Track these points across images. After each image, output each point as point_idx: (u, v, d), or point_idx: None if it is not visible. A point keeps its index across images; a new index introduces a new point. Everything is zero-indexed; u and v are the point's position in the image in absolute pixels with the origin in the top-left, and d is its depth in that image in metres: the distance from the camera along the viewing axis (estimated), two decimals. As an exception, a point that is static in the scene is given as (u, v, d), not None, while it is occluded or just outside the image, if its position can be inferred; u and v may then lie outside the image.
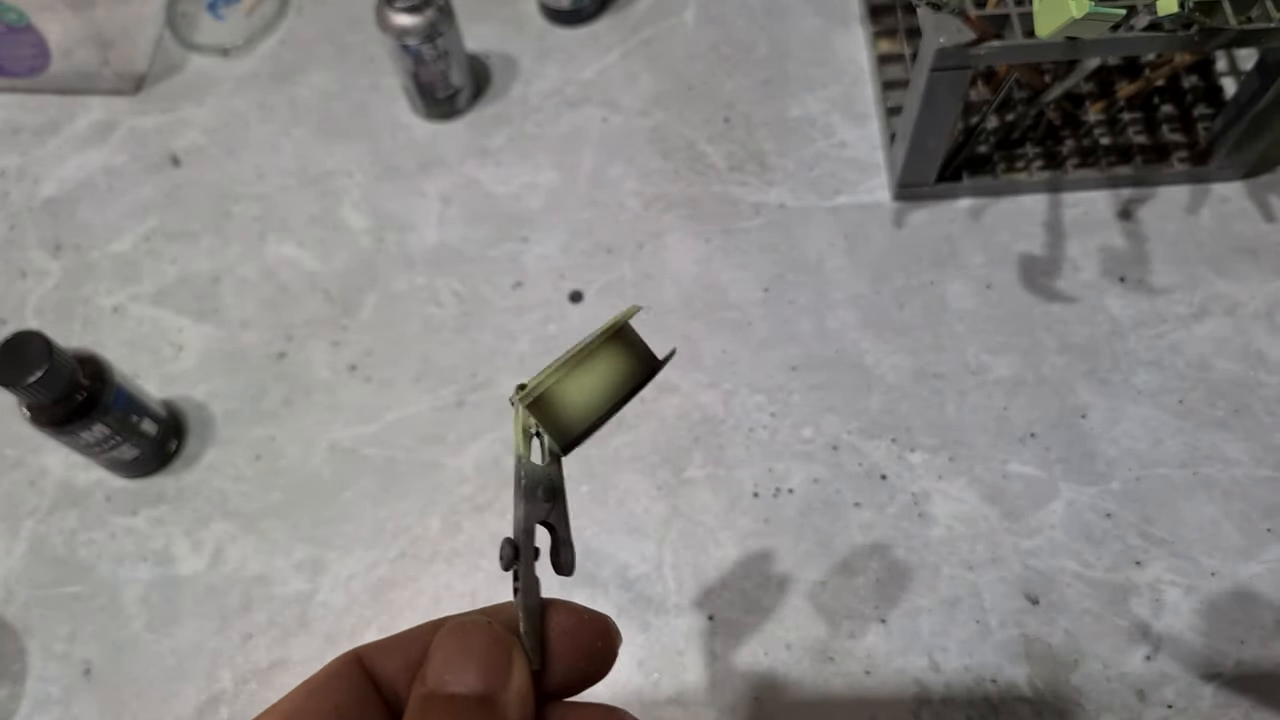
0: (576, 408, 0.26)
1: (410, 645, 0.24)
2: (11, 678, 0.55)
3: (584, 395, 0.26)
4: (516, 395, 0.25)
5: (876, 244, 0.65)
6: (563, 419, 0.26)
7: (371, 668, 0.24)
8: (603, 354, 0.27)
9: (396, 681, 0.24)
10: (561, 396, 0.26)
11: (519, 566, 0.24)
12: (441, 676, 0.22)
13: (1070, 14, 0.44)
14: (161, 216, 0.70)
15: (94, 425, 0.54)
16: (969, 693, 0.52)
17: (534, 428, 0.26)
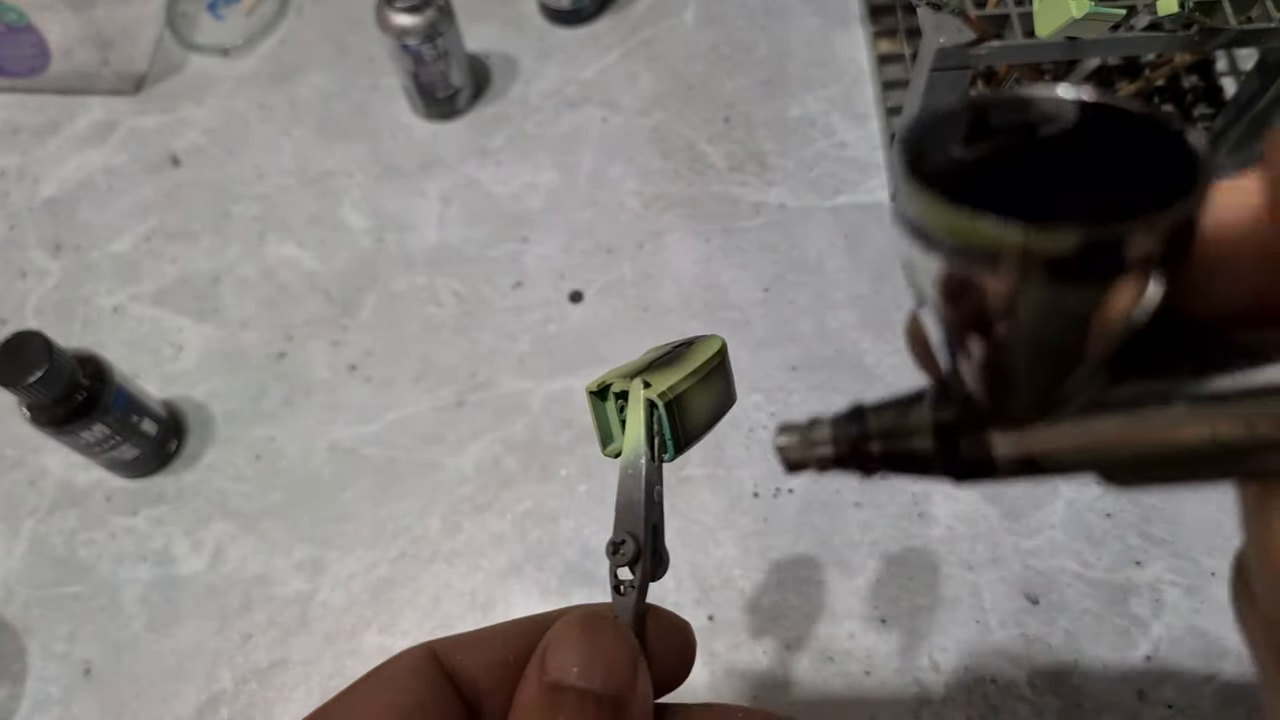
0: (699, 413, 0.26)
1: (493, 643, 0.23)
2: (11, 678, 0.55)
3: (704, 404, 0.26)
4: (647, 391, 0.24)
5: (877, 244, 0.65)
6: (687, 423, 0.25)
7: (449, 664, 0.23)
8: (719, 371, 0.26)
9: (478, 679, 0.23)
10: (690, 401, 0.25)
11: (637, 566, 0.23)
12: (569, 669, 0.21)
13: (1070, 14, 0.44)
14: (161, 216, 0.70)
15: (94, 425, 0.54)
16: (969, 693, 0.52)
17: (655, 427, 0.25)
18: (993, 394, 0.14)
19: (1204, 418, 0.13)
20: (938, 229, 0.12)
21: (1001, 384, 0.14)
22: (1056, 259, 0.12)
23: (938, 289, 0.13)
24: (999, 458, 0.15)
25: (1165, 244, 0.12)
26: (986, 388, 0.14)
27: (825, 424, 0.16)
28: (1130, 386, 0.14)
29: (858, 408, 0.16)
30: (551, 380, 0.62)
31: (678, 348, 0.27)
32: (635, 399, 0.24)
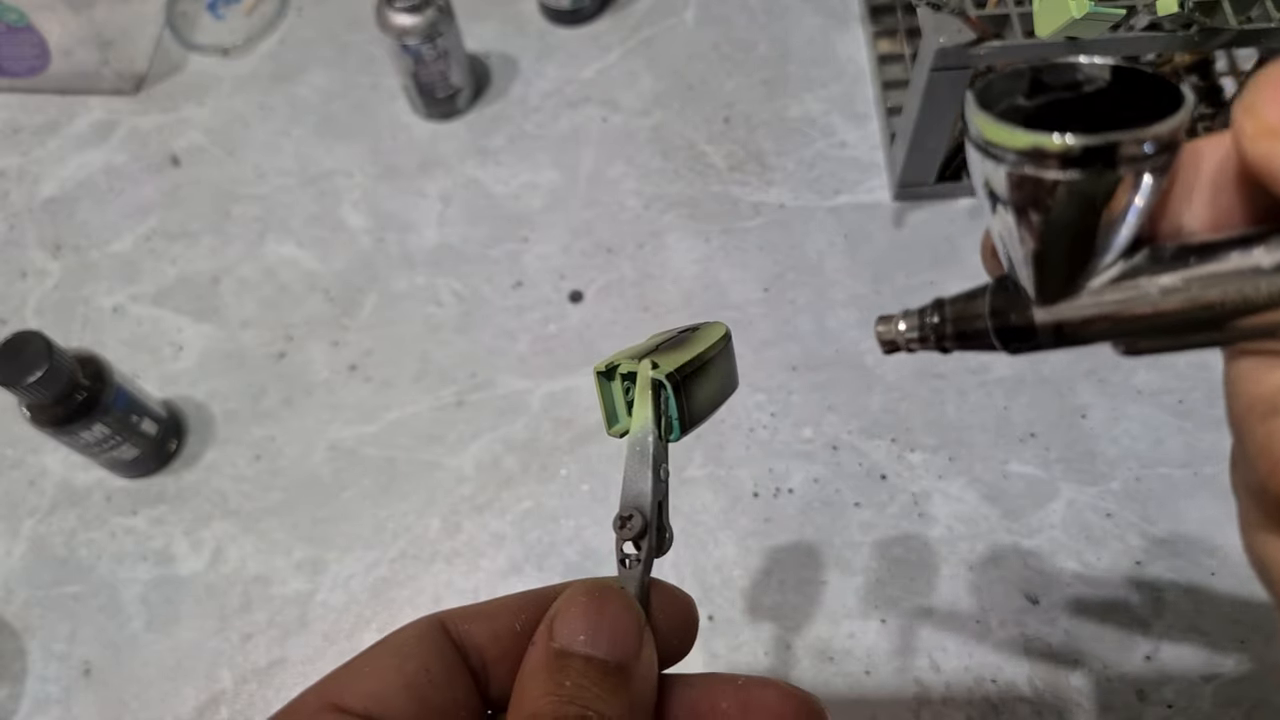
0: (704, 395, 0.26)
1: (500, 613, 0.24)
2: (12, 677, 0.55)
3: (709, 387, 0.27)
4: (655, 371, 0.25)
5: (876, 244, 0.65)
6: (692, 404, 0.26)
7: (456, 634, 0.24)
8: (723, 355, 0.27)
9: (483, 649, 0.24)
10: (695, 382, 0.26)
11: (643, 541, 0.24)
12: (575, 636, 0.22)
13: (1070, 14, 0.44)
14: (161, 216, 0.70)
15: (94, 425, 0.54)
16: (969, 692, 0.52)
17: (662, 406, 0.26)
18: (1035, 278, 0.19)
19: (1181, 291, 0.18)
20: (998, 143, 0.18)
21: (1040, 270, 0.19)
22: (1073, 155, 0.17)
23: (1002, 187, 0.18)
24: (1038, 325, 0.19)
25: (1153, 151, 0.17)
26: (1030, 274, 0.19)
27: (914, 313, 0.22)
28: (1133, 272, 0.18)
29: (938, 300, 0.21)
30: (551, 380, 0.62)
31: (683, 333, 0.28)
32: (644, 379, 0.25)
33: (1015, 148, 0.17)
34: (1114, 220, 0.18)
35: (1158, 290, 0.18)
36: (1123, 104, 0.18)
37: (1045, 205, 0.18)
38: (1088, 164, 0.17)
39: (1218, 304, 0.17)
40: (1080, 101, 0.19)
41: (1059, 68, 0.19)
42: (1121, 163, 0.17)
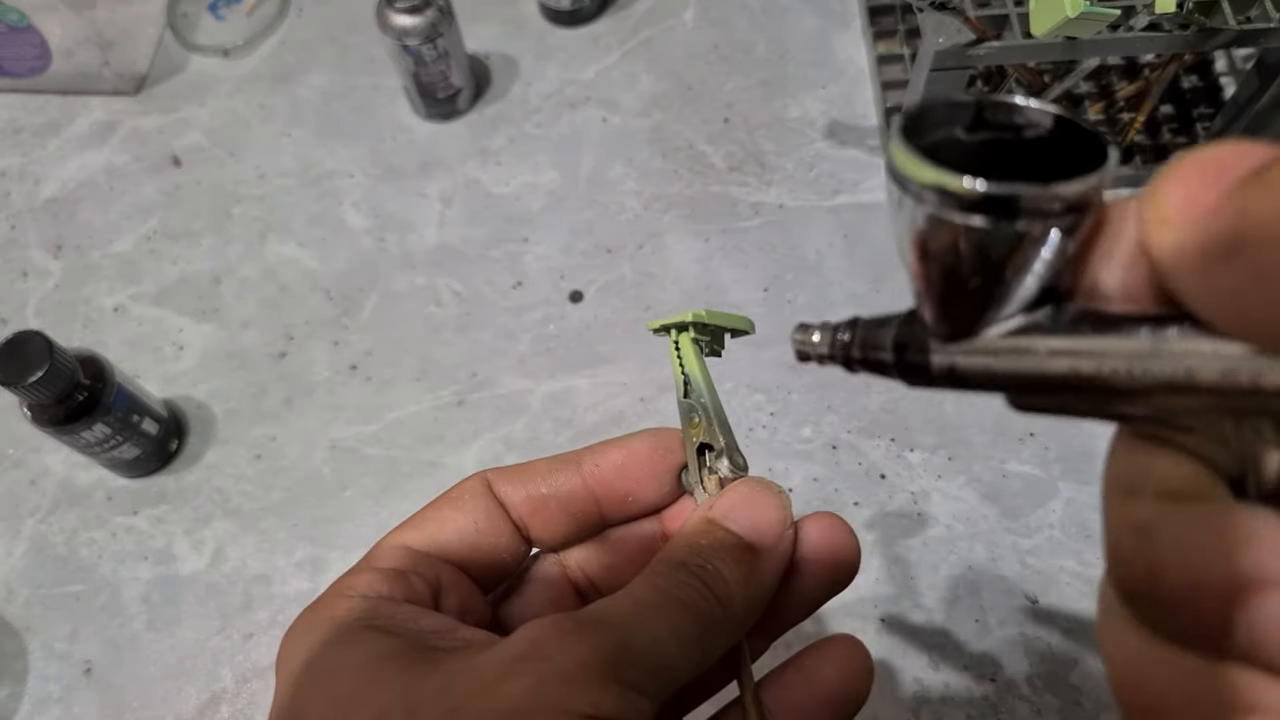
0: None
1: (530, 478, 0.28)
2: (13, 677, 0.55)
3: None
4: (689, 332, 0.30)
5: (876, 244, 0.65)
6: None
7: (498, 494, 0.28)
8: None
9: (518, 505, 0.28)
10: None
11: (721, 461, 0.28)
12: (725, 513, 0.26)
13: (1065, 14, 0.44)
14: (162, 217, 0.70)
15: (95, 425, 0.54)
16: (969, 692, 0.52)
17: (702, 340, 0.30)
18: (933, 318, 0.19)
19: (1066, 357, 0.17)
20: (905, 174, 0.17)
21: (938, 310, 0.19)
22: (972, 200, 0.16)
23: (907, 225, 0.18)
24: (933, 365, 0.19)
25: (1060, 209, 0.16)
26: (930, 313, 0.19)
27: (829, 329, 0.22)
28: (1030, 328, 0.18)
29: (854, 319, 0.21)
30: (551, 380, 0.62)
31: None
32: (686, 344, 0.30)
33: (920, 182, 0.17)
34: (1016, 272, 0.17)
35: (1045, 350, 0.18)
36: (1061, 154, 0.17)
37: (944, 247, 0.17)
38: (989, 212, 0.16)
39: (1095, 378, 0.17)
40: (1019, 145, 0.18)
41: (1003, 106, 0.18)
42: (1023, 216, 0.16)
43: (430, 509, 0.27)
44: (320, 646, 0.23)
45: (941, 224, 0.17)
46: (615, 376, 0.62)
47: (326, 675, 0.22)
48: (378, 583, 0.25)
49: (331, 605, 0.24)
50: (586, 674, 0.20)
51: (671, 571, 0.24)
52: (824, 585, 0.27)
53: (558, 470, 0.28)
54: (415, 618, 0.24)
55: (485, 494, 0.27)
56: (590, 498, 0.28)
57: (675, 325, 0.30)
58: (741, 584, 0.24)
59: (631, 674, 0.21)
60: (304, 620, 0.24)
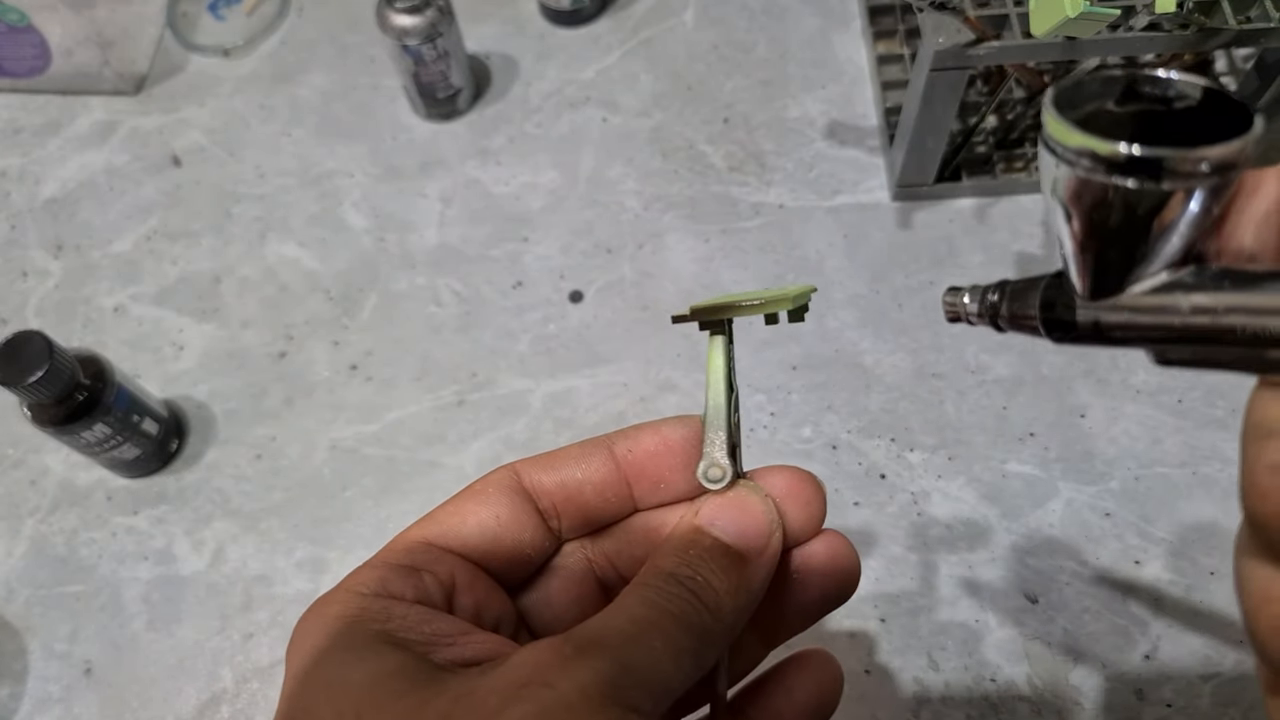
0: None
1: (563, 464, 0.28)
2: (13, 677, 0.55)
3: None
4: None
5: (876, 244, 0.65)
6: None
7: (529, 483, 0.27)
8: None
9: (551, 494, 0.27)
10: None
11: None
12: (713, 520, 0.26)
13: (1065, 13, 0.44)
14: (162, 216, 0.70)
15: (95, 425, 0.54)
16: (968, 691, 0.52)
17: None
18: (1080, 276, 0.20)
19: (1208, 312, 0.18)
20: (1057, 139, 0.18)
21: (1085, 268, 0.20)
22: (1119, 162, 0.18)
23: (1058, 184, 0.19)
24: (1079, 321, 0.20)
25: (1206, 170, 0.17)
26: (1076, 271, 0.20)
27: (978, 290, 0.23)
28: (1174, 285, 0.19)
29: (1002, 281, 0.23)
30: (552, 380, 0.62)
31: None
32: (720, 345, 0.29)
33: (1070, 146, 0.18)
34: (1162, 231, 0.18)
35: (1188, 307, 0.19)
36: (1207, 124, 0.18)
37: (1093, 207, 0.18)
38: (1136, 173, 0.17)
39: (1237, 330, 0.18)
40: (1169, 116, 0.19)
41: (1155, 80, 0.19)
42: (1168, 177, 0.17)
43: (452, 502, 0.27)
44: (328, 648, 0.23)
45: (1091, 185, 0.18)
46: (615, 376, 0.62)
47: (332, 687, 0.22)
48: (391, 580, 0.24)
49: (344, 601, 0.24)
50: (588, 701, 0.20)
51: (663, 584, 0.24)
52: (826, 599, 0.28)
53: (590, 455, 0.28)
54: (426, 620, 0.24)
55: (511, 486, 0.27)
56: (622, 482, 0.28)
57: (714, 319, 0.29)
58: (731, 592, 0.24)
59: (632, 695, 0.21)
60: (316, 613, 0.24)
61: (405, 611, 0.24)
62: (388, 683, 0.21)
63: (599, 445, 0.28)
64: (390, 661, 0.22)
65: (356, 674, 0.22)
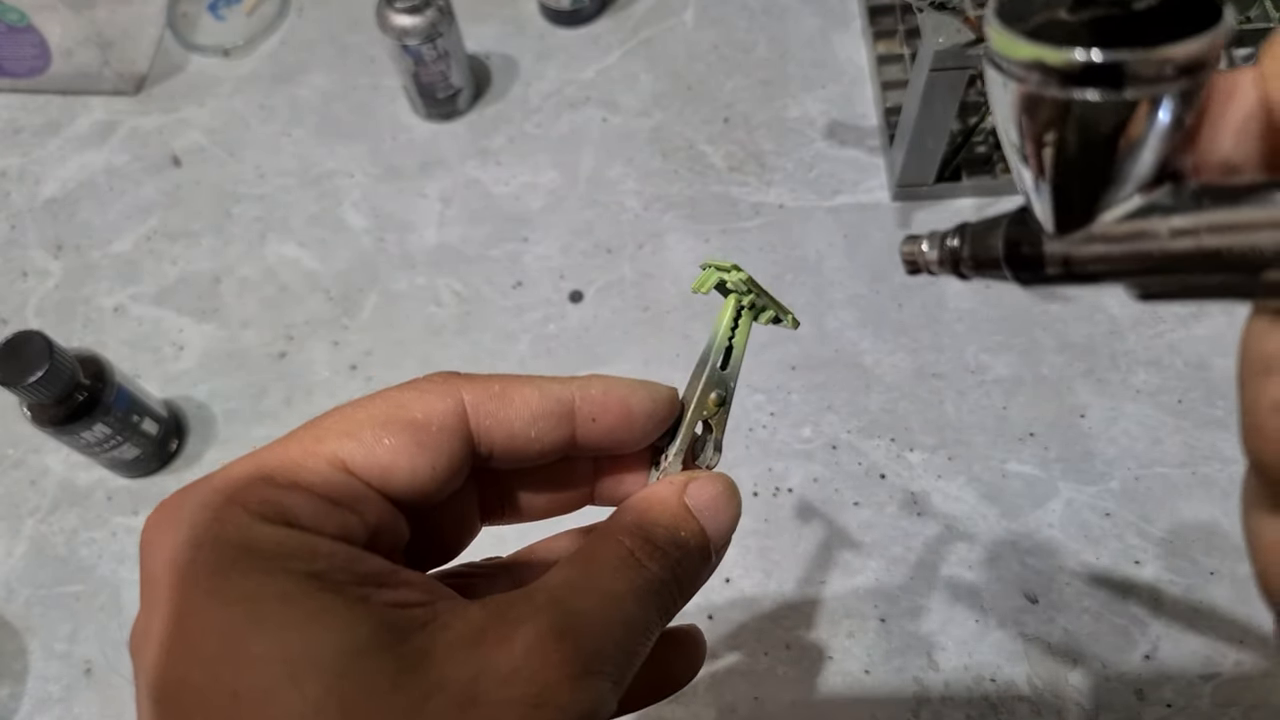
0: None
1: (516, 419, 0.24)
2: (13, 677, 0.55)
3: None
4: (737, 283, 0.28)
5: (875, 244, 0.65)
6: None
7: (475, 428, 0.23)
8: None
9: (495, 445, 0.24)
10: None
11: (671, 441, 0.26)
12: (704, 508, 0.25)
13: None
14: (162, 217, 0.70)
15: (95, 425, 0.54)
16: (968, 691, 0.52)
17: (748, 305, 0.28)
18: (1044, 207, 0.18)
19: (1191, 235, 0.17)
20: (1003, 54, 0.16)
21: (1049, 198, 0.18)
22: (1075, 71, 0.15)
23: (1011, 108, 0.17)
24: (1047, 255, 0.19)
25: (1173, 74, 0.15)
26: (1040, 202, 0.18)
27: (936, 236, 0.22)
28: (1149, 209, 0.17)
29: (961, 225, 0.21)
30: (551, 380, 0.62)
31: None
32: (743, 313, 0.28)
33: (1018, 59, 0.16)
34: (1130, 148, 0.16)
35: (1167, 230, 0.17)
36: (1171, 26, 0.16)
37: (1051, 127, 0.16)
38: (1095, 83, 0.15)
39: (1225, 252, 0.16)
40: (1129, 20, 0.17)
41: None
42: (1132, 84, 0.15)
43: (389, 426, 0.22)
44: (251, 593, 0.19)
45: (1044, 102, 0.16)
46: (615, 376, 0.62)
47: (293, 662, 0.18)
48: (314, 512, 0.20)
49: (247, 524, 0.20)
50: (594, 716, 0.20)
51: (656, 566, 0.23)
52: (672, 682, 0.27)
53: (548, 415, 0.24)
54: (354, 560, 0.20)
55: (457, 430, 0.23)
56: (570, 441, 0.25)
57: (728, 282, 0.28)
58: (696, 582, 0.24)
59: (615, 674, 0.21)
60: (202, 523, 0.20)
61: (331, 549, 0.20)
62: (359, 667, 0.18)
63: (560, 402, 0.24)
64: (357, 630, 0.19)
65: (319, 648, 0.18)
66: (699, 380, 0.27)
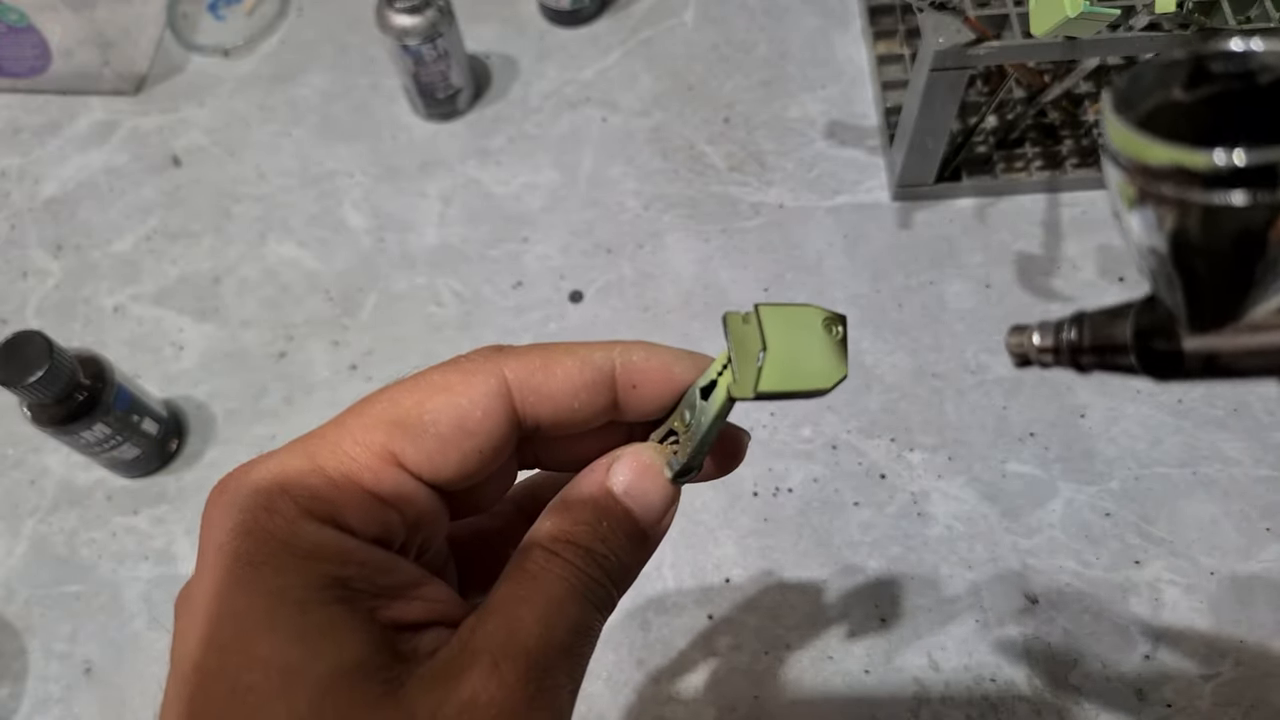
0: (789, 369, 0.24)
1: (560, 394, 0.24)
2: (13, 677, 0.55)
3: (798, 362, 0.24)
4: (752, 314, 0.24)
5: (876, 244, 0.65)
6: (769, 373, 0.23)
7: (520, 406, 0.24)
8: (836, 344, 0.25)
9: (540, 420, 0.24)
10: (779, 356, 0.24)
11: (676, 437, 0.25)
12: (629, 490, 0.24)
13: (1065, 13, 0.44)
14: (162, 216, 0.70)
15: (95, 425, 0.54)
16: (968, 692, 0.52)
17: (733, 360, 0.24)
18: (1185, 305, 0.16)
19: None
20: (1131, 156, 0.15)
21: (1191, 297, 0.16)
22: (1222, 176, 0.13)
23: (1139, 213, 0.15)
24: (1187, 353, 0.17)
25: None
26: (1181, 300, 0.16)
27: (1050, 326, 0.20)
28: None
29: (1079, 313, 0.19)
30: (551, 380, 0.62)
31: None
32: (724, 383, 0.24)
33: (1151, 164, 0.14)
34: None
35: None
36: None
37: (1192, 229, 0.15)
38: (1244, 184, 0.14)
39: None
40: (1252, 95, 0.15)
41: (1228, 55, 0.15)
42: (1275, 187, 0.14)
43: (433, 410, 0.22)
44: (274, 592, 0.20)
45: (1185, 208, 0.14)
46: (615, 376, 0.62)
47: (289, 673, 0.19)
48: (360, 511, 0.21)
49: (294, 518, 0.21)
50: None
51: (583, 564, 0.23)
52: None
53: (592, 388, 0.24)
54: (383, 570, 0.21)
55: (501, 413, 0.23)
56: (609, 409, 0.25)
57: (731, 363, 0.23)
58: (632, 568, 0.24)
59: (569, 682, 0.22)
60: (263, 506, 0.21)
61: (365, 557, 0.21)
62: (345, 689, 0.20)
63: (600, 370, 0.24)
64: (351, 651, 0.20)
65: (315, 665, 0.20)
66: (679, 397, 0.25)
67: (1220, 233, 0.15)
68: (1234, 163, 0.14)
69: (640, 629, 0.54)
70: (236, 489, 0.21)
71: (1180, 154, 0.14)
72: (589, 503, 0.24)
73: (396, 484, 0.22)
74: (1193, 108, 0.16)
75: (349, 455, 0.22)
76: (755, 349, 0.23)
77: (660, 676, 0.53)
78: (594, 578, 0.23)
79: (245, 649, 0.20)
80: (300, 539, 0.21)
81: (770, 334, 0.23)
